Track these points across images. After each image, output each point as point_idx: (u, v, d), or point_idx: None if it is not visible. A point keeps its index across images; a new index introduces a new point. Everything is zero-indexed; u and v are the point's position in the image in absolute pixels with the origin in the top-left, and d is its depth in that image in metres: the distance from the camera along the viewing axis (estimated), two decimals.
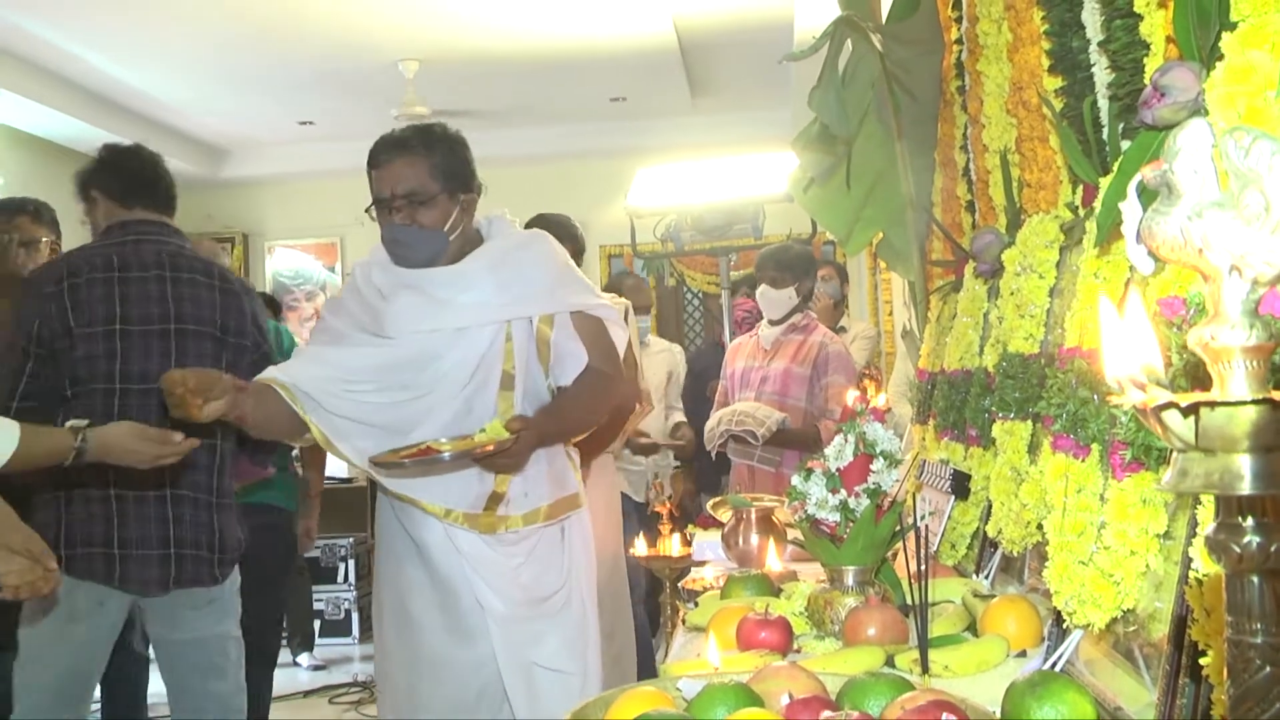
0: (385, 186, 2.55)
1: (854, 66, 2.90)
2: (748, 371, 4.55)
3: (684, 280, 8.63)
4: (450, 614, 2.53)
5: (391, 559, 2.62)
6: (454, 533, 2.49)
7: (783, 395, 4.41)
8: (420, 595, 2.56)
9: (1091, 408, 1.50)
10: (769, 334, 4.58)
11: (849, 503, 1.91)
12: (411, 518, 2.54)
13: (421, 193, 2.53)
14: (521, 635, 2.50)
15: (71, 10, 5.70)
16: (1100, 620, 1.33)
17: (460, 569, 2.50)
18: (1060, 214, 1.99)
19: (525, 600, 2.51)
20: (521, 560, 2.53)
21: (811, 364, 4.40)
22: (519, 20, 6.19)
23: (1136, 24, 1.48)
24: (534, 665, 2.51)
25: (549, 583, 2.56)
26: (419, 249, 2.54)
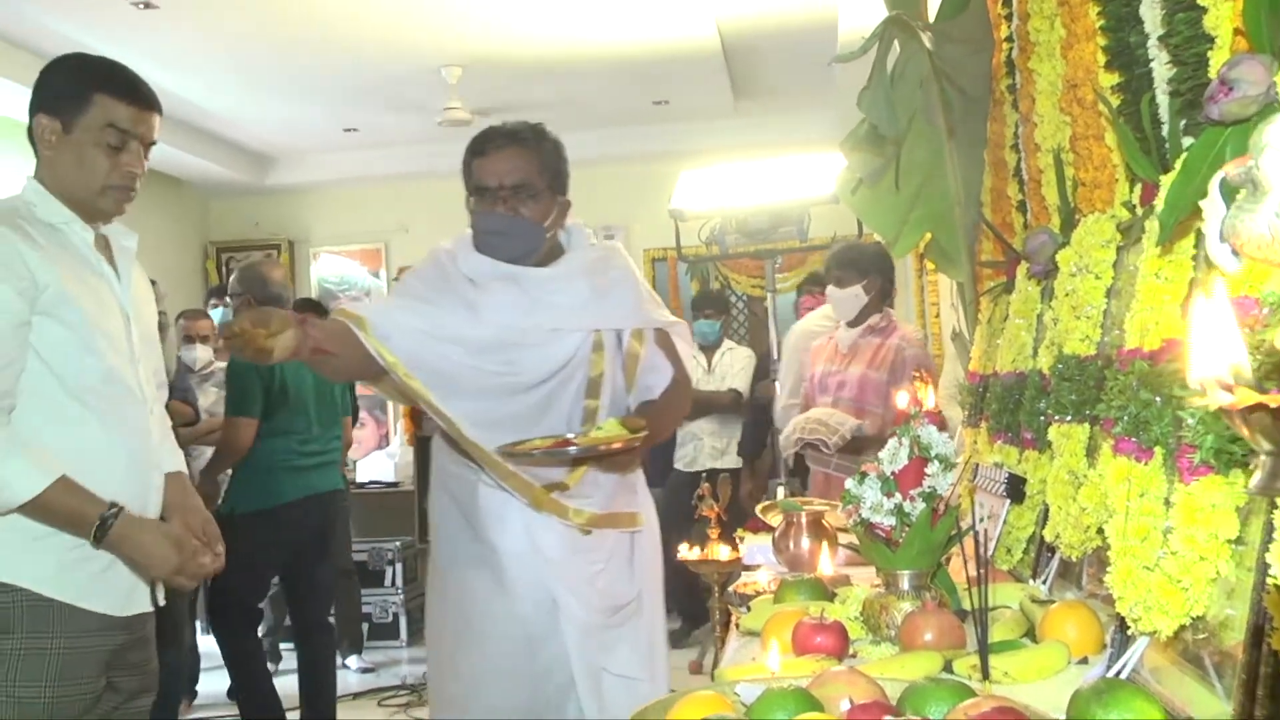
0: (493, 175, 2.54)
1: (902, 66, 2.87)
2: (826, 376, 4.41)
3: (729, 283, 8.61)
4: (521, 622, 2.52)
5: (455, 567, 2.60)
6: (537, 536, 2.48)
7: (859, 401, 4.27)
8: (489, 603, 2.54)
9: (1155, 410, 1.47)
10: (846, 336, 4.45)
11: (904, 507, 1.89)
12: (487, 523, 2.52)
13: (529, 186, 2.54)
14: (596, 642, 2.52)
15: (119, 22, 5.76)
16: (1168, 627, 1.30)
17: (539, 573, 2.50)
18: (1117, 213, 1.96)
19: (602, 607, 2.53)
20: (600, 566, 2.55)
21: (889, 369, 4.25)
22: (561, 24, 6.20)
23: (1200, 17, 1.45)
24: (604, 671, 2.53)
25: (623, 591, 2.58)
26: (518, 241, 2.54)
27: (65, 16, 5.72)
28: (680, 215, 5.23)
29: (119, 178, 2.26)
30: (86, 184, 2.24)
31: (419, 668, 6.49)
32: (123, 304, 2.31)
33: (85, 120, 2.23)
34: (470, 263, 2.58)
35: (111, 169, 2.25)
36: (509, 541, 2.52)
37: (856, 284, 4.37)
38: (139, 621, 2.31)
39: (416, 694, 6.02)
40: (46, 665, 2.13)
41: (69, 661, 2.16)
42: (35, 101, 2.27)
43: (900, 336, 4.37)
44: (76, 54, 2.36)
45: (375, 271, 9.23)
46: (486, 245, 2.57)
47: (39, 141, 2.26)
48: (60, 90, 2.26)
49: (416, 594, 7.39)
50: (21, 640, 2.12)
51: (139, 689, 2.34)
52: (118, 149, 2.25)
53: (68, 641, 2.16)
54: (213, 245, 9.41)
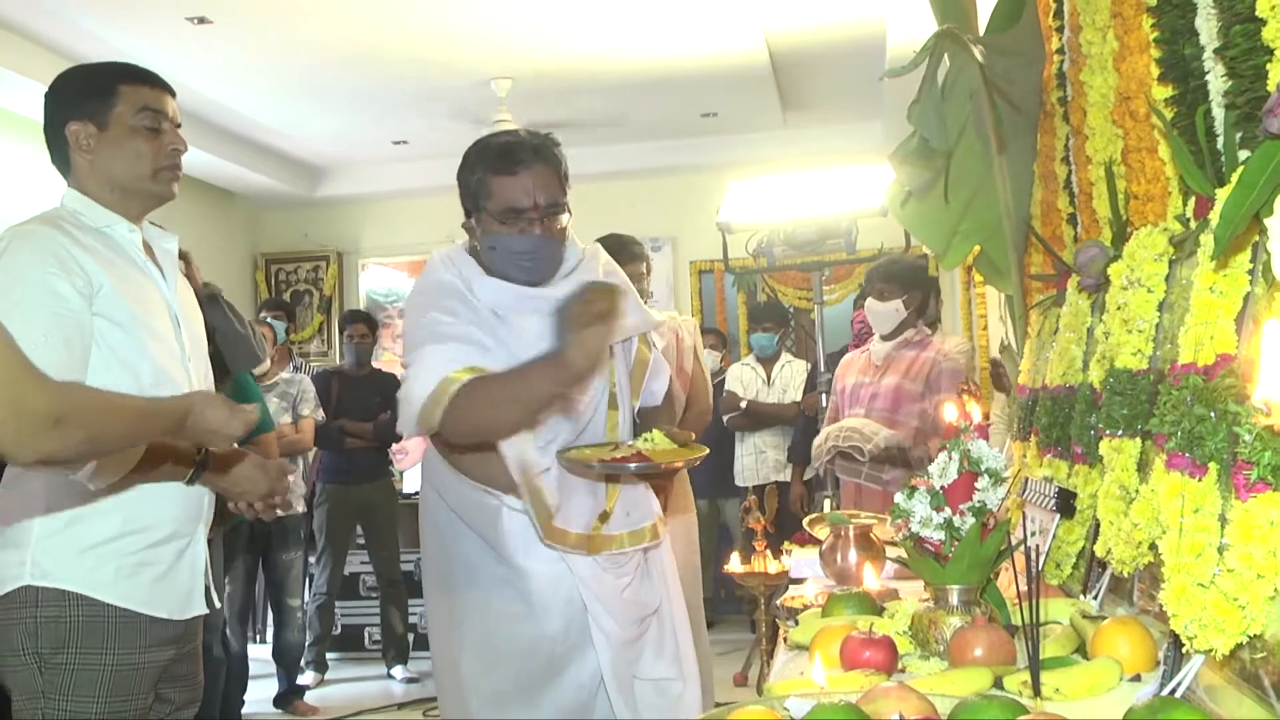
0: (526, 195, 2.39)
1: (953, 79, 2.86)
2: (858, 388, 4.48)
3: (776, 295, 8.59)
4: (549, 641, 2.48)
5: (475, 589, 2.53)
6: (567, 557, 2.43)
7: (893, 412, 4.32)
8: (516, 625, 2.48)
9: (1209, 425, 1.46)
10: (880, 349, 4.50)
11: (954, 521, 1.88)
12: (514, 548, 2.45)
13: (559, 204, 2.43)
14: (628, 653, 2.50)
15: (174, 37, 5.85)
16: (1224, 646, 1.28)
17: (570, 593, 2.45)
18: (1170, 226, 1.94)
19: (634, 618, 2.51)
20: (629, 579, 2.50)
21: (924, 380, 4.31)
22: (610, 37, 6.22)
23: (1258, 29, 1.44)
24: (634, 679, 2.51)
25: (649, 599, 2.56)
26: (547, 263, 2.45)
27: (121, 31, 5.80)
28: (728, 227, 5.23)
29: (166, 157, 2.30)
30: (137, 171, 2.27)
31: None
32: (171, 306, 2.34)
33: (117, 112, 2.27)
34: (488, 292, 2.43)
35: (157, 151, 2.29)
36: (537, 564, 2.45)
37: (898, 298, 4.43)
38: (191, 632, 2.33)
39: None
40: (100, 680, 2.14)
41: (122, 677, 2.17)
42: (59, 114, 2.29)
43: (937, 350, 4.40)
44: (80, 64, 2.40)
45: None
46: (512, 268, 2.44)
47: (75, 150, 2.28)
48: (82, 94, 2.29)
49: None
50: (76, 655, 2.13)
51: (186, 700, 2.37)
52: (156, 130, 2.29)
53: (121, 657, 2.17)
54: (262, 257, 9.50)
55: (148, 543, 2.21)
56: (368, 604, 7.10)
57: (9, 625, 2.13)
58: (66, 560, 2.14)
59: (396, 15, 5.79)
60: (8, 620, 2.13)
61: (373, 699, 6.29)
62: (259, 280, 9.45)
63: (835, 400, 4.64)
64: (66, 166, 2.31)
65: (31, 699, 2.13)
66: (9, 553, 2.15)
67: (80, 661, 2.13)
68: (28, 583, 2.12)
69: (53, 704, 2.12)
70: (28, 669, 2.13)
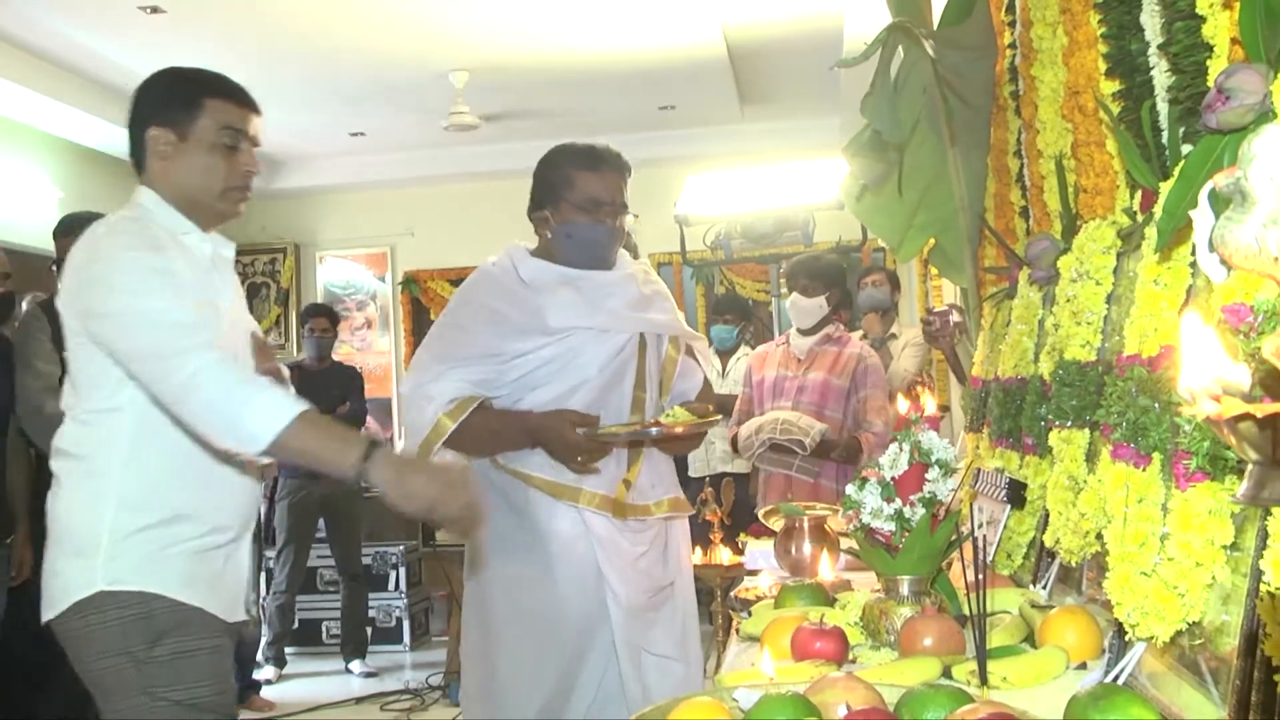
0: (608, 191, 2.75)
1: (906, 72, 2.88)
2: (780, 380, 4.56)
3: (734, 288, 8.61)
4: (567, 602, 2.65)
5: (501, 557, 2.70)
6: (588, 519, 2.64)
7: (820, 406, 4.43)
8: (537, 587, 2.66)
9: (1152, 416, 1.48)
10: (801, 343, 4.59)
11: (904, 512, 1.90)
12: (539, 510, 2.66)
13: (626, 205, 2.81)
14: (638, 623, 2.66)
15: (127, 26, 5.78)
16: (1164, 633, 1.30)
17: (591, 555, 2.64)
18: (1118, 220, 1.96)
19: (645, 589, 2.68)
20: (644, 549, 2.71)
21: (850, 376, 4.44)
22: (568, 31, 6.21)
23: (1199, 26, 1.46)
24: (644, 652, 2.67)
25: (660, 574, 2.74)
26: (608, 252, 2.79)
27: (73, 20, 5.74)
28: (685, 220, 5.25)
29: (238, 178, 2.27)
30: (207, 187, 2.25)
31: (422, 672, 6.49)
32: (239, 315, 2.34)
33: (200, 125, 2.24)
34: (529, 268, 2.75)
35: (230, 170, 2.26)
36: (561, 524, 2.65)
37: (821, 295, 4.52)
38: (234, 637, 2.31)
39: (419, 698, 6.03)
40: (202, 663, 2.13)
41: (218, 658, 2.17)
42: (143, 115, 2.26)
43: (860, 347, 4.55)
44: (174, 67, 2.35)
45: (381, 275, 9.24)
46: (581, 251, 2.75)
47: (152, 154, 2.25)
48: (169, 101, 2.25)
49: (420, 598, 7.39)
50: (174, 642, 2.10)
51: None
52: (233, 149, 2.26)
53: (213, 640, 2.16)
54: None
55: (204, 547, 2.17)
56: (325, 598, 7.07)
57: (90, 631, 2.09)
58: (140, 564, 2.10)
59: (352, 6, 5.75)
60: (88, 626, 2.09)
61: (330, 694, 6.26)
62: None
63: (750, 393, 4.69)
64: (141, 167, 2.28)
65: (132, 696, 2.08)
66: (78, 562, 2.10)
67: (179, 648, 2.11)
68: (102, 589, 2.08)
69: (161, 697, 2.08)
70: (120, 669, 2.08)
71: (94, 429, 2.14)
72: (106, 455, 2.12)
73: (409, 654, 7.13)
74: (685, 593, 2.84)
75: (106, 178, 7.27)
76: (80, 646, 2.11)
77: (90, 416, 2.15)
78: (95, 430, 2.14)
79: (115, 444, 2.12)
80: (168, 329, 2.03)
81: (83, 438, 2.15)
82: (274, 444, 1.98)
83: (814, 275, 4.54)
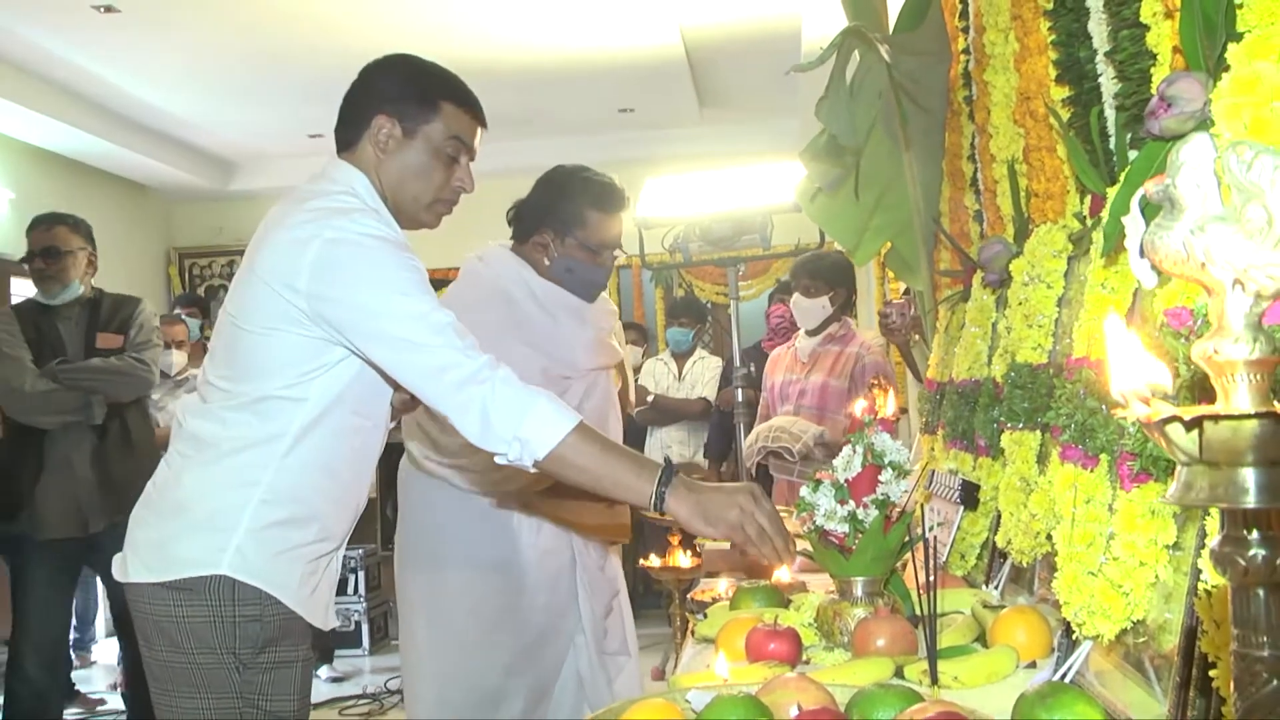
0: (615, 235, 2.77)
1: (861, 77, 2.90)
2: (786, 385, 4.52)
3: (692, 290, 8.63)
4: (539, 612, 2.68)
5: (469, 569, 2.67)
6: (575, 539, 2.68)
7: (821, 409, 4.37)
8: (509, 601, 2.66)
9: (1100, 418, 1.50)
10: (806, 345, 4.54)
11: (857, 514, 1.91)
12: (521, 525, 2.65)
13: None
14: (600, 630, 2.74)
15: (81, 25, 5.73)
16: (1109, 631, 1.32)
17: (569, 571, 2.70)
18: (1068, 224, 1.99)
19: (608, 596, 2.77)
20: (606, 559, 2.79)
21: (849, 376, 4.37)
22: (526, 31, 6.21)
23: (1143, 34, 1.48)
24: (603, 654, 2.74)
25: (616, 576, 2.83)
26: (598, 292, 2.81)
27: (25, 19, 5.68)
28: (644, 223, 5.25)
29: (449, 191, 2.15)
30: (418, 194, 2.11)
31: (381, 676, 6.47)
32: None
33: (430, 127, 2.11)
34: (547, 292, 2.70)
35: (445, 182, 2.13)
36: (545, 540, 2.67)
37: (824, 295, 4.47)
38: None
39: (378, 702, 6.01)
40: (293, 676, 2.08)
41: (307, 672, 2.13)
42: (373, 97, 2.11)
43: (859, 344, 4.46)
44: (415, 58, 2.21)
45: None
46: (579, 289, 2.73)
47: (370, 140, 2.09)
48: (405, 93, 2.12)
49: (379, 601, 7.36)
50: (276, 653, 2.04)
51: None
52: (454, 160, 2.14)
53: (305, 652, 2.12)
54: (175, 251, 9.35)
55: (318, 554, 2.10)
56: None
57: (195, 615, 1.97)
58: (266, 559, 2.00)
59: (308, 5, 5.73)
60: (194, 609, 1.97)
61: None
62: (172, 275, 9.30)
63: (766, 397, 4.68)
64: (351, 146, 2.12)
65: (227, 697, 2.00)
66: (207, 536, 1.98)
67: (280, 658, 2.05)
68: (225, 573, 1.97)
69: (255, 705, 2.02)
70: (222, 669, 1.99)
71: (261, 415, 1.99)
72: (268, 442, 1.98)
73: (368, 658, 7.09)
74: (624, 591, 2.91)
75: (60, 178, 7.20)
76: (174, 626, 1.98)
77: (260, 404, 1.99)
78: (261, 416, 1.99)
79: (283, 434, 1.99)
80: (439, 329, 1.90)
81: (241, 421, 1.99)
82: (551, 455, 1.87)
83: (816, 275, 4.51)
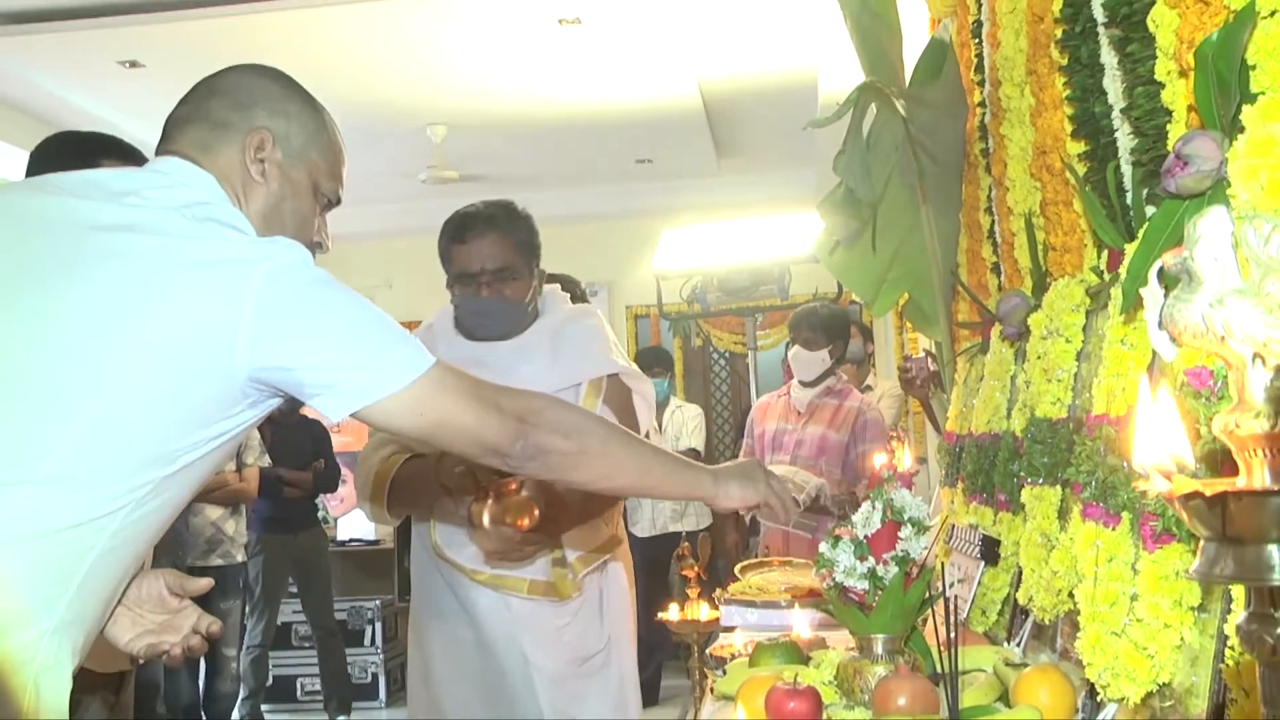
0: (474, 261, 2.59)
1: (878, 130, 2.91)
2: (780, 434, 4.52)
3: (710, 340, 8.64)
4: (499, 674, 2.59)
5: (440, 620, 2.66)
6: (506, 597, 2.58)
7: (818, 460, 4.38)
8: (471, 654, 2.61)
9: (1120, 476, 1.49)
10: (802, 396, 4.55)
11: (877, 570, 1.90)
12: (462, 580, 2.60)
13: (511, 268, 2.60)
14: (566, 694, 2.59)
15: (105, 80, 5.81)
16: (1135, 694, 1.31)
17: (508, 628, 2.58)
18: (1086, 278, 1.99)
19: (570, 659, 2.61)
20: (568, 620, 2.62)
21: (849, 430, 4.39)
22: (545, 84, 6.26)
23: (1158, 91, 1.49)
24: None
25: (591, 643, 2.66)
26: (503, 322, 2.61)
27: (53, 75, 5.76)
28: (663, 274, 5.28)
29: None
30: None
31: None
32: None
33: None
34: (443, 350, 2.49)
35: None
36: (481, 597, 2.59)
37: (824, 348, 4.49)
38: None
39: None
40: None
41: None
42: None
43: (860, 400, 4.49)
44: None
45: None
46: (473, 327, 2.64)
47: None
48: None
49: (396, 653, 7.33)
50: None
51: None
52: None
53: None
54: None
55: None
56: (300, 654, 7.00)
57: None
58: None
59: (330, 60, 5.79)
60: None
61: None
62: None
63: (751, 444, 4.68)
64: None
65: None
66: None
67: None
68: None
69: None
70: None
71: None
72: None
73: (385, 711, 7.06)
74: (624, 658, 2.76)
75: None
76: None
77: None
78: None
79: None
80: None
81: None
82: None
83: (816, 328, 4.53)
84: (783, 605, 2.73)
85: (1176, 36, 1.41)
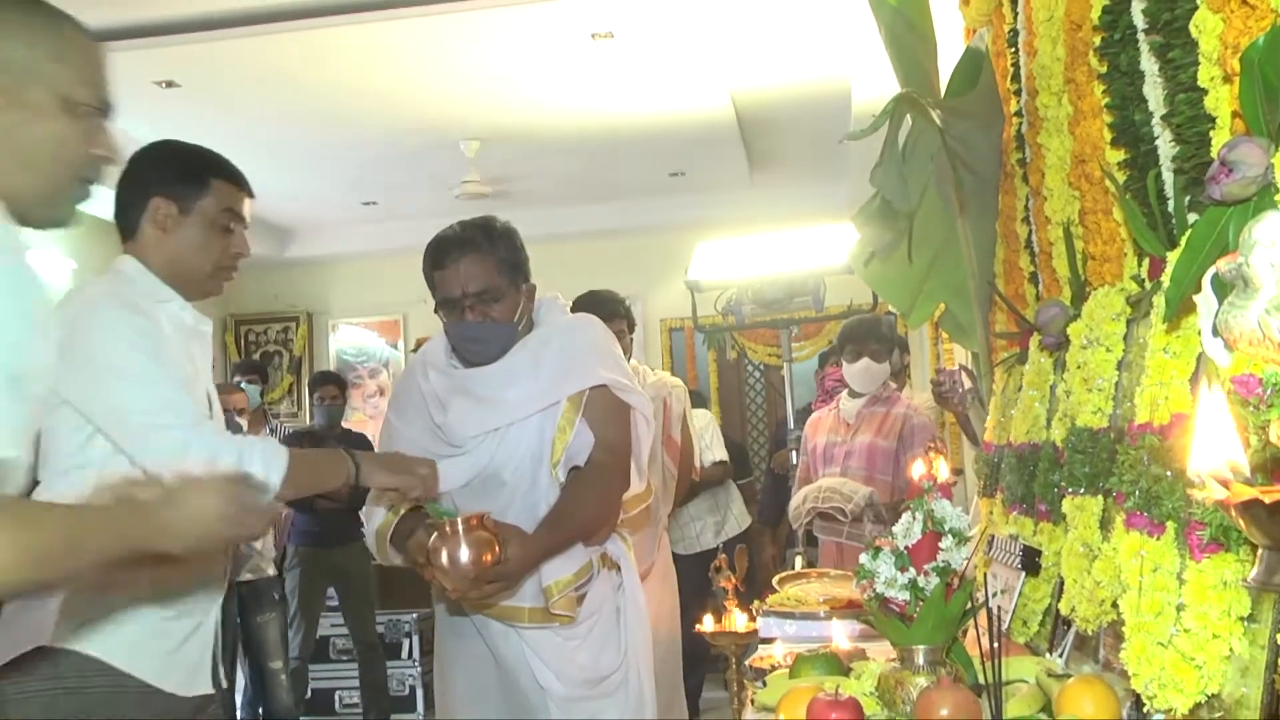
0: (455, 286, 2.54)
1: (914, 141, 2.90)
2: (830, 447, 4.50)
3: (745, 353, 8.63)
4: (515, 692, 2.58)
5: (453, 636, 2.71)
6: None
7: (869, 470, 4.35)
8: (490, 673, 2.61)
9: (1165, 485, 1.48)
10: (850, 407, 4.53)
11: (918, 581, 1.89)
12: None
13: (493, 290, 2.55)
14: (580, 714, 2.54)
15: (142, 100, 5.86)
16: (1183, 705, 1.30)
17: (519, 650, 2.56)
18: (1126, 286, 1.97)
19: (583, 680, 2.55)
20: (579, 642, 2.56)
21: (897, 437, 4.35)
22: (578, 98, 6.28)
23: (1201, 98, 1.48)
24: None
25: (606, 663, 2.60)
26: (493, 344, 2.57)
27: None
28: (697, 286, 5.27)
29: (229, 259, 2.36)
30: (200, 264, 2.31)
31: None
32: (208, 386, 2.33)
33: (204, 204, 2.31)
34: (431, 380, 2.65)
35: (224, 251, 2.34)
36: (493, 620, 2.59)
37: (887, 359, 4.47)
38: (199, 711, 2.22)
39: None
40: None
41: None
42: (146, 182, 2.32)
43: (906, 405, 4.45)
44: (178, 141, 2.43)
45: (394, 343, 9.28)
46: (466, 352, 2.62)
47: (150, 222, 2.29)
48: (177, 175, 2.33)
49: (433, 666, 7.32)
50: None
51: None
52: (229, 231, 2.34)
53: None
54: (232, 318, 9.48)
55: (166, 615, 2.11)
56: (339, 667, 7.01)
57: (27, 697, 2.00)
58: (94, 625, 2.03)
59: (364, 77, 5.83)
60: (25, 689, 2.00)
61: None
62: (229, 342, 9.42)
63: (806, 460, 4.65)
64: (133, 232, 2.32)
65: None
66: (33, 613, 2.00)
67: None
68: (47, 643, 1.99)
69: None
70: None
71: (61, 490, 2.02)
72: None
73: None
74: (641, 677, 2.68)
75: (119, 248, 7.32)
76: None
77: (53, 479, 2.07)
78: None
79: None
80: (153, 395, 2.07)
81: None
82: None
83: (881, 339, 4.51)
84: (821, 616, 2.72)
85: (1221, 41, 1.40)
